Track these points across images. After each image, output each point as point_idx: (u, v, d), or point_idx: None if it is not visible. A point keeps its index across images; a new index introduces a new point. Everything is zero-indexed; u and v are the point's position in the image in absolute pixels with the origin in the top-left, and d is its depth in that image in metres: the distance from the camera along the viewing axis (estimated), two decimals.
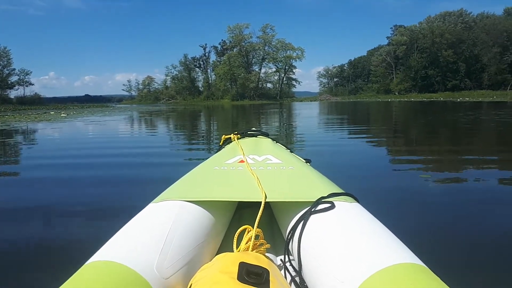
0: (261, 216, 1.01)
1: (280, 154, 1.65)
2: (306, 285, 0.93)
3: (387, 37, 72.72)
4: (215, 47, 75.01)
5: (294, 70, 73.80)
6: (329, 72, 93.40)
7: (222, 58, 70.81)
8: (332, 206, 0.99)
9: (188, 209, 1.04)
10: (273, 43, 69.78)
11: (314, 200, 1.03)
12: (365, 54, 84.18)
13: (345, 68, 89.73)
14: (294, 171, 1.38)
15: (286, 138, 6.80)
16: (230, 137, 2.03)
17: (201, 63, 76.30)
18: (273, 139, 2.13)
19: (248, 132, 2.13)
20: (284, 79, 73.33)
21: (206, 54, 75.57)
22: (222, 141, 2.07)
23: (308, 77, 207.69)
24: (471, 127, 8.47)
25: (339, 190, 1.15)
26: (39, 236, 1.98)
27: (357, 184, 2.97)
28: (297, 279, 0.97)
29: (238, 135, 2.04)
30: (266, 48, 69.97)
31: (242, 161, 1.50)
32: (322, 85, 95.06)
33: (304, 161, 1.81)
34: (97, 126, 10.95)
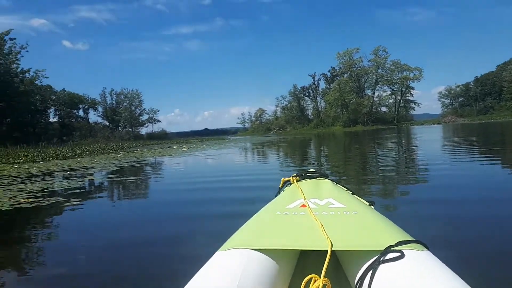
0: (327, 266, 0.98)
1: (343, 198, 1.61)
2: None
3: None
4: (325, 75, 75.14)
5: (411, 92, 68.99)
6: (452, 92, 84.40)
7: (332, 85, 70.23)
8: (402, 255, 0.96)
9: (255, 258, 1.05)
10: (386, 65, 66.78)
11: (382, 248, 1.00)
12: (495, 70, 74.13)
13: (471, 86, 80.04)
14: (359, 216, 1.34)
15: (407, 171, 5.90)
16: (289, 180, 2.03)
17: (310, 91, 77.00)
18: (333, 181, 2.06)
19: (307, 174, 2.11)
20: (401, 101, 68.87)
21: (316, 83, 76.15)
22: (281, 183, 2.07)
23: (427, 98, 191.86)
24: None
25: (407, 237, 1.11)
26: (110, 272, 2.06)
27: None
28: None
29: (297, 177, 2.03)
30: (379, 71, 67.26)
31: (303, 206, 1.47)
32: (444, 106, 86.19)
33: (368, 203, 1.72)
34: (211, 160, 11.42)
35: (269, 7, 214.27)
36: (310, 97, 77.28)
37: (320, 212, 1.37)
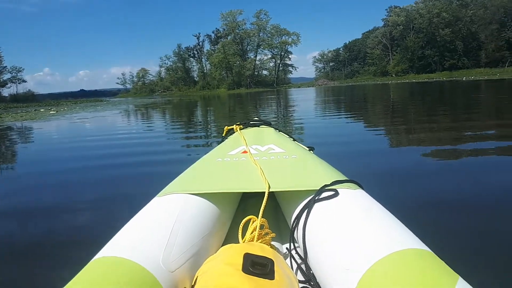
0: (265, 206, 1.00)
1: (283, 143, 1.63)
2: (312, 273, 0.92)
3: (382, 19, 71.81)
4: (209, 36, 73.96)
5: (290, 56, 73.17)
6: (325, 57, 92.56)
7: (216, 46, 69.88)
8: (336, 193, 0.98)
9: (192, 202, 1.04)
10: (267, 29, 68.87)
11: (318, 188, 1.02)
12: (360, 37, 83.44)
13: (340, 52, 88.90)
14: (297, 160, 1.37)
15: (285, 126, 6.47)
16: (233, 128, 2.02)
17: (195, 52, 75.25)
18: (276, 128, 2.09)
19: (251, 122, 2.12)
20: (280, 65, 72.68)
21: (200, 44, 74.51)
22: (224, 132, 2.06)
23: (303, 62, 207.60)
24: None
25: (343, 177, 1.13)
26: (46, 234, 2.00)
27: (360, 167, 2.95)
28: (302, 266, 0.97)
29: (241, 126, 2.04)
30: (261, 34, 69.07)
31: (245, 152, 1.49)
32: (318, 70, 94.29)
33: (308, 149, 1.77)
34: (86, 123, 10.53)
35: None
36: (195, 58, 75.69)
37: (260, 157, 1.39)
